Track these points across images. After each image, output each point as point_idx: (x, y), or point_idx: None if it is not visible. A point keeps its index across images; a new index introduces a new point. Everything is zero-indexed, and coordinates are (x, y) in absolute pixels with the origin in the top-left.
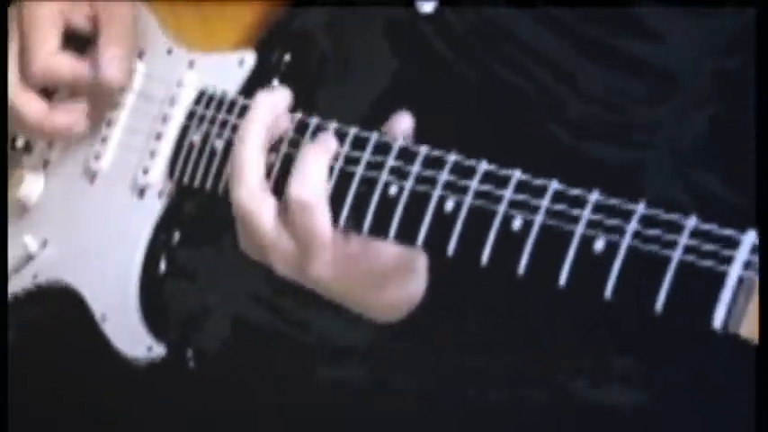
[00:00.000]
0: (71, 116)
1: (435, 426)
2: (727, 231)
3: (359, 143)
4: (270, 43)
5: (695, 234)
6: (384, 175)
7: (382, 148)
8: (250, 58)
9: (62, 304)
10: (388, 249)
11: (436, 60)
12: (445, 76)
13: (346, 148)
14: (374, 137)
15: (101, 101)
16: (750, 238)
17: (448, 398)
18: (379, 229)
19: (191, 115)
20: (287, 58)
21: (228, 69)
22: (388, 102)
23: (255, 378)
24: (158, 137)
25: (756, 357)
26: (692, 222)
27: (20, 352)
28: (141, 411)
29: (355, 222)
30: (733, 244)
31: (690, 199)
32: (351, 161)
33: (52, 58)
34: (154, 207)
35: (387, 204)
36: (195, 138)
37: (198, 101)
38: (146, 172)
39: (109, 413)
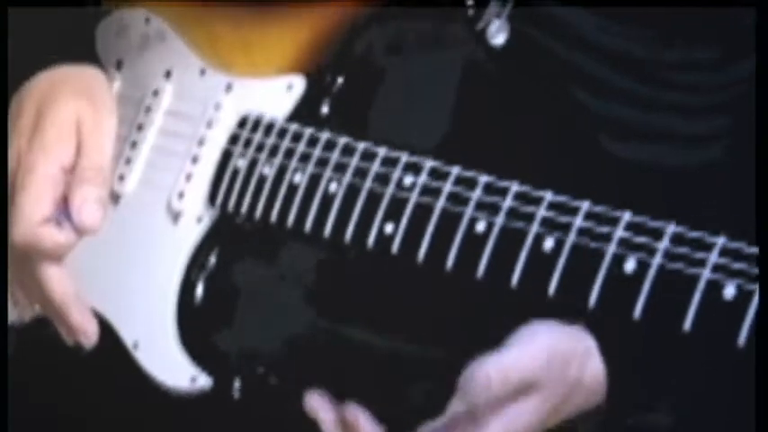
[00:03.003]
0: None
1: None
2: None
3: (438, 174)
4: (322, 66)
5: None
6: (470, 211)
7: (464, 181)
8: (299, 83)
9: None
10: (525, 365)
11: (498, 85)
12: (510, 100)
13: (422, 178)
14: (455, 170)
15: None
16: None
17: None
18: (467, 268)
19: (233, 139)
20: (340, 81)
21: (275, 94)
22: (452, 126)
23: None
24: (195, 160)
25: (756, 361)
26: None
27: (32, 373)
28: None
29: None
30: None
31: None
32: (429, 192)
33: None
34: (191, 233)
35: (474, 242)
36: (240, 163)
37: (241, 125)
38: (181, 196)
39: None
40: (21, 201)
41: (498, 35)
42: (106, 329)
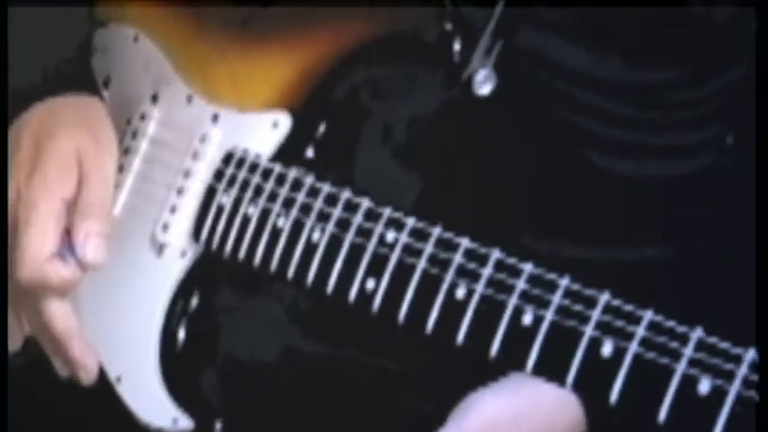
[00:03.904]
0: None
1: None
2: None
3: (419, 234)
4: (305, 108)
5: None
6: (450, 275)
7: (445, 243)
8: (285, 120)
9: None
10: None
11: (485, 133)
12: (496, 147)
13: (404, 237)
14: (437, 230)
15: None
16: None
17: None
18: (447, 333)
19: (218, 175)
20: (324, 125)
21: (261, 130)
22: (437, 175)
23: None
24: (180, 192)
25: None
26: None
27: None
28: None
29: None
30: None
31: None
32: (410, 251)
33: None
34: (174, 268)
35: (454, 307)
36: (225, 200)
37: (226, 160)
38: (165, 228)
39: None
40: (25, 238)
41: (485, 85)
42: None
